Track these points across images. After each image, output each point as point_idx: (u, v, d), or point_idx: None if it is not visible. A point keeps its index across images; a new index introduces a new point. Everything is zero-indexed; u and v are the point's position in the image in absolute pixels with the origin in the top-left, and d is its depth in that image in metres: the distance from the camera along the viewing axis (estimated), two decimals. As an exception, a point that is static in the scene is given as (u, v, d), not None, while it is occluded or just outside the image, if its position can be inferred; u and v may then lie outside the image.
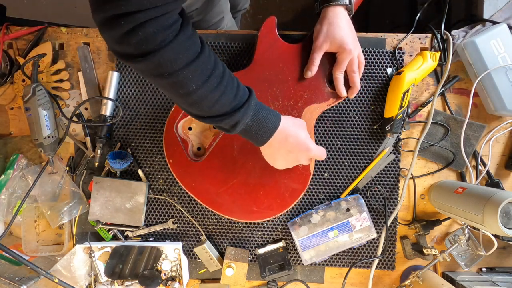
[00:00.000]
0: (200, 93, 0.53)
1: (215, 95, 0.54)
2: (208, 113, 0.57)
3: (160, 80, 0.52)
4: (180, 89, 0.52)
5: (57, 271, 0.76)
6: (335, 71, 0.73)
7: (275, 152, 0.67)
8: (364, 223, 0.79)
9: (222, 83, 0.55)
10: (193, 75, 0.52)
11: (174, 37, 0.48)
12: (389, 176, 0.81)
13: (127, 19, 0.44)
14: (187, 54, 0.50)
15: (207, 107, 0.55)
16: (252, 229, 0.82)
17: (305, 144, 0.66)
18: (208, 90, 0.53)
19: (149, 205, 0.83)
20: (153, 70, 0.50)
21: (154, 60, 0.48)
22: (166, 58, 0.48)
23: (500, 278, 0.77)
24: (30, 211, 0.83)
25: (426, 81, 0.81)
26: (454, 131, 0.80)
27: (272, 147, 0.65)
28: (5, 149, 0.85)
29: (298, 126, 0.67)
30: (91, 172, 0.83)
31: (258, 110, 0.60)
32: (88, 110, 0.84)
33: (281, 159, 0.68)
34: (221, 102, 0.55)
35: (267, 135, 0.62)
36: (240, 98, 0.58)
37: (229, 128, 0.59)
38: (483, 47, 0.74)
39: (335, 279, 0.83)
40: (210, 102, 0.55)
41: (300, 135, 0.66)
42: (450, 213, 0.74)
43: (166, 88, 0.54)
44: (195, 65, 0.51)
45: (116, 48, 0.49)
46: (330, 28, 0.70)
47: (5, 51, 0.82)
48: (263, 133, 0.62)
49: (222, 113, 0.57)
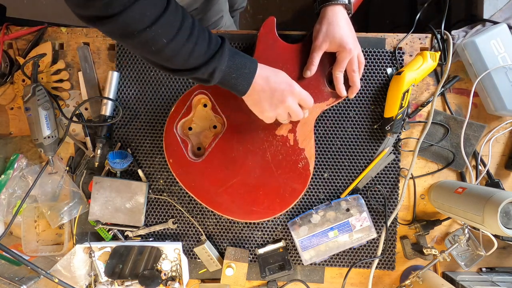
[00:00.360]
0: (172, 46, 0.54)
1: (188, 46, 0.55)
2: (184, 65, 0.57)
3: (130, 40, 0.52)
4: (152, 46, 0.53)
5: (57, 271, 0.76)
6: (335, 70, 0.73)
7: (259, 98, 0.66)
8: (364, 223, 0.79)
9: (193, 34, 0.55)
10: (162, 30, 0.52)
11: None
12: (389, 176, 0.81)
13: None
14: (153, 10, 0.50)
15: (182, 59, 0.56)
16: (252, 229, 0.82)
17: (286, 81, 0.66)
18: (180, 43, 0.54)
19: (149, 205, 0.83)
20: (121, 31, 0.51)
21: (120, 20, 0.48)
22: (132, 17, 0.49)
23: (500, 278, 0.77)
24: (30, 211, 0.83)
25: (426, 81, 0.81)
26: (454, 131, 0.80)
27: (255, 93, 0.65)
28: (5, 149, 0.85)
29: (276, 69, 0.67)
30: (91, 172, 0.83)
31: (233, 56, 0.61)
32: (88, 110, 0.84)
33: (267, 104, 0.66)
34: (195, 53, 0.56)
35: (247, 81, 0.63)
36: (214, 47, 0.58)
37: (207, 78, 0.60)
38: (483, 47, 0.74)
39: (335, 279, 0.83)
40: (185, 54, 0.55)
41: (280, 74, 0.66)
42: (450, 213, 0.74)
43: (138, 48, 0.54)
44: (163, 20, 0.51)
45: (80, 12, 0.49)
46: (329, 27, 0.70)
47: (5, 51, 0.82)
48: (242, 80, 0.62)
49: (198, 64, 0.57)
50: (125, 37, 0.51)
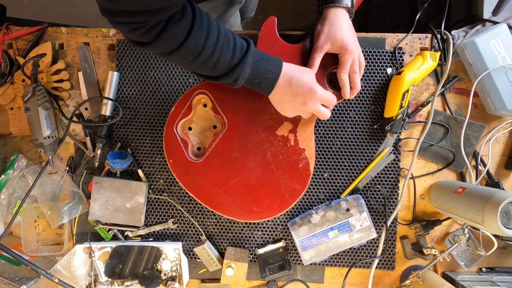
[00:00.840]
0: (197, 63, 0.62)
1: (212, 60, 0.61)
2: (210, 74, 0.65)
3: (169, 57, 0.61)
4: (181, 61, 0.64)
5: (57, 271, 0.76)
6: (340, 72, 0.73)
7: (281, 99, 0.69)
8: (364, 223, 0.79)
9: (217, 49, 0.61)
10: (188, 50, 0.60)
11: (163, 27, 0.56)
12: (389, 176, 0.81)
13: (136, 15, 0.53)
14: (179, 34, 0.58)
15: (207, 70, 0.64)
16: (252, 229, 0.82)
17: (308, 85, 0.67)
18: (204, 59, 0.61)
19: (149, 205, 0.83)
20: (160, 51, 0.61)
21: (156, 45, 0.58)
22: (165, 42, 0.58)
23: (500, 278, 0.77)
24: (30, 211, 0.83)
25: (426, 81, 0.81)
26: (454, 131, 0.80)
27: (278, 94, 0.68)
28: (5, 149, 0.85)
29: (302, 71, 0.68)
30: (91, 172, 0.83)
31: (256, 64, 0.64)
32: (88, 110, 0.84)
33: (288, 104, 0.70)
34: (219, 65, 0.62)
35: (270, 85, 0.66)
36: (237, 56, 0.63)
37: (232, 83, 0.66)
38: (483, 47, 0.74)
39: (335, 279, 0.83)
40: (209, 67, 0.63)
41: (303, 78, 0.67)
42: (450, 213, 0.74)
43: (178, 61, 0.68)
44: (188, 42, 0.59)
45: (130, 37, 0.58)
46: (331, 29, 0.70)
47: (5, 51, 0.82)
48: (265, 84, 0.66)
49: (223, 73, 0.64)
50: (165, 55, 0.61)
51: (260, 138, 0.76)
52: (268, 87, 0.67)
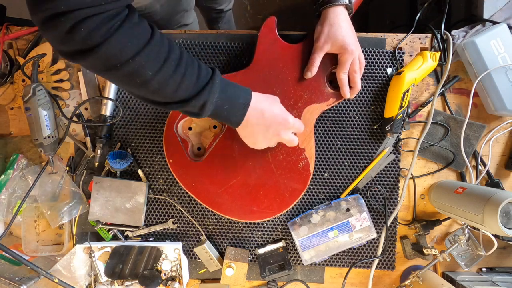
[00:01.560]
0: (158, 79, 0.52)
1: (175, 79, 0.53)
2: (173, 98, 0.55)
3: (114, 72, 0.50)
4: (137, 78, 0.51)
5: (57, 271, 0.76)
6: (339, 72, 0.73)
7: (253, 131, 0.65)
8: (364, 223, 0.79)
9: (180, 66, 0.54)
10: (147, 61, 0.50)
11: (118, 27, 0.47)
12: (389, 176, 0.81)
13: (67, 17, 0.43)
14: (136, 41, 0.49)
15: (170, 92, 0.54)
16: (252, 229, 0.82)
17: (281, 116, 0.66)
18: (167, 74, 0.52)
19: (149, 205, 0.83)
20: (104, 64, 0.49)
21: (102, 52, 0.47)
22: (114, 49, 0.47)
23: (500, 278, 0.77)
24: (30, 211, 0.83)
25: (426, 81, 0.81)
26: (454, 131, 0.80)
27: (249, 125, 0.63)
28: (5, 149, 0.85)
29: (271, 100, 0.66)
30: (91, 172, 0.83)
31: (225, 88, 0.59)
32: (88, 110, 0.84)
33: (261, 137, 0.66)
34: (183, 85, 0.54)
35: (241, 113, 0.61)
36: (203, 78, 0.56)
37: (198, 111, 0.58)
38: (483, 47, 0.74)
39: (335, 279, 0.83)
40: (172, 87, 0.53)
41: (275, 109, 0.66)
42: (450, 213, 0.74)
43: (123, 81, 0.52)
44: (147, 51, 0.50)
45: (61, 48, 0.47)
46: (331, 29, 0.70)
47: (5, 51, 0.82)
48: (236, 111, 0.61)
49: (187, 97, 0.55)
50: (108, 70, 0.49)
51: (260, 138, 0.76)
52: (238, 115, 0.61)
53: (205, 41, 0.82)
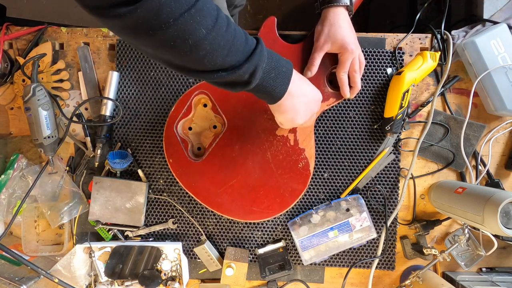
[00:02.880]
0: (212, 38, 0.45)
1: (228, 39, 0.47)
2: (223, 64, 0.49)
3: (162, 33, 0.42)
4: (189, 37, 0.43)
5: (57, 271, 0.76)
6: (339, 72, 0.73)
7: (295, 104, 0.60)
8: (364, 223, 0.79)
9: (230, 26, 0.48)
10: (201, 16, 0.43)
11: None
12: (389, 176, 0.81)
13: None
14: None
15: (221, 56, 0.47)
16: (252, 229, 0.82)
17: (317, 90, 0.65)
18: (220, 33, 0.46)
19: (149, 205, 0.83)
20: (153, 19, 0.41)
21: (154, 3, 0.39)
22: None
23: (500, 278, 0.77)
24: (30, 211, 0.83)
25: (426, 81, 0.81)
26: (454, 131, 0.80)
27: (292, 96, 0.59)
28: (5, 149, 0.85)
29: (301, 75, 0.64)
30: (91, 172, 0.83)
31: (271, 54, 0.54)
32: (88, 110, 0.84)
33: (302, 110, 0.62)
34: (234, 48, 0.48)
35: (286, 81, 0.57)
36: (251, 41, 0.51)
37: (248, 78, 0.51)
38: (483, 47, 0.74)
39: (335, 279, 0.83)
40: (225, 48, 0.47)
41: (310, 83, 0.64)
42: (450, 213, 0.74)
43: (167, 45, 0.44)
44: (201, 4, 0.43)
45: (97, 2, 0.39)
46: (331, 29, 0.70)
47: (5, 51, 0.82)
48: (281, 80, 0.56)
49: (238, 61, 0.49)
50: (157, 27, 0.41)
51: (260, 138, 0.76)
52: (283, 84, 0.56)
53: None
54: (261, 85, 0.54)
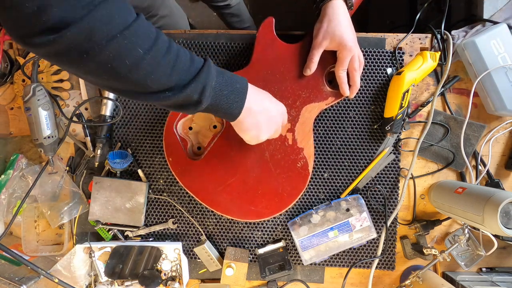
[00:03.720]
0: (151, 57, 0.45)
1: (169, 58, 0.47)
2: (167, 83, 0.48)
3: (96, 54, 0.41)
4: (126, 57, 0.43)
5: (57, 271, 0.76)
6: (338, 69, 0.73)
7: (257, 120, 0.60)
8: (364, 223, 0.79)
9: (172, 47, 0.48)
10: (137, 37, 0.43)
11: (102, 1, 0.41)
12: (389, 176, 0.81)
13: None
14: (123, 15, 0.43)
15: (164, 75, 0.47)
16: (252, 229, 0.82)
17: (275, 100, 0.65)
18: (160, 53, 0.46)
19: (149, 205, 0.83)
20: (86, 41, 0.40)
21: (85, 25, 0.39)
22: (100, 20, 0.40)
23: (500, 278, 0.77)
24: (30, 211, 0.83)
25: (426, 81, 0.81)
26: (454, 131, 0.80)
27: (251, 113, 0.59)
28: (5, 149, 0.85)
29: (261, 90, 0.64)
30: (91, 172, 0.83)
31: (221, 72, 0.54)
32: (88, 110, 0.84)
33: (264, 126, 0.62)
34: (178, 67, 0.48)
35: (241, 98, 0.56)
36: (198, 61, 0.51)
37: (197, 98, 0.51)
38: (483, 47, 0.74)
39: (335, 279, 0.83)
40: (167, 68, 0.47)
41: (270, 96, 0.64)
42: (450, 213, 0.74)
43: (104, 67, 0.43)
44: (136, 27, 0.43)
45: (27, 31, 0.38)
46: (330, 24, 0.70)
47: (5, 51, 0.82)
48: (235, 96, 0.56)
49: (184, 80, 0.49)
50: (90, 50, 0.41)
51: (260, 138, 0.76)
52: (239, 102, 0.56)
53: (205, 41, 0.82)
54: (214, 104, 0.54)
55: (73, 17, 0.38)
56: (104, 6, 0.40)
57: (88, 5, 0.39)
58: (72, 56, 0.41)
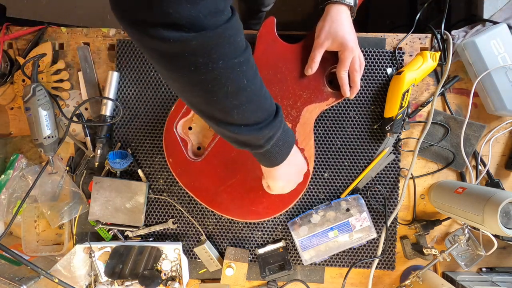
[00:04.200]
0: (250, 90, 0.43)
1: (260, 95, 0.46)
2: (249, 118, 0.46)
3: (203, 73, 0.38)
4: (231, 84, 0.41)
5: (57, 271, 0.76)
6: (340, 70, 0.73)
7: (289, 172, 0.63)
8: (364, 223, 0.79)
9: (263, 83, 0.47)
10: (247, 65, 0.41)
11: (230, 18, 0.38)
12: (389, 176, 0.81)
13: None
14: (242, 37, 0.41)
15: (250, 111, 0.45)
16: (252, 229, 0.82)
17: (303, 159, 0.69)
18: (257, 86, 0.44)
19: (149, 205, 0.83)
20: (200, 56, 0.37)
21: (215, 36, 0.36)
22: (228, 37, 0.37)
23: (500, 278, 0.77)
24: (30, 211, 0.83)
25: (426, 81, 0.81)
26: (454, 131, 0.80)
27: (288, 164, 0.60)
28: (5, 149, 0.85)
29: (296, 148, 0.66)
30: (91, 172, 0.83)
31: (285, 122, 0.55)
32: (88, 110, 0.84)
33: (293, 178, 0.67)
34: (263, 103, 0.47)
35: (287, 151, 0.58)
36: (272, 100, 0.50)
37: (262, 143, 0.51)
38: (483, 47, 0.74)
39: (335, 279, 0.83)
40: (256, 103, 0.46)
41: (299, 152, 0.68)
42: (450, 213, 0.74)
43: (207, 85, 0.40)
44: (248, 54, 0.42)
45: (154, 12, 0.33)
46: (332, 25, 0.70)
47: (5, 51, 0.82)
48: (286, 148, 0.57)
49: (264, 119, 0.47)
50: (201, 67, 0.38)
51: (260, 138, 0.76)
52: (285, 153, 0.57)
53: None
54: (268, 150, 0.54)
55: (207, 23, 0.35)
56: (231, 25, 0.37)
57: (221, 15, 0.36)
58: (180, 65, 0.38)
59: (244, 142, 0.51)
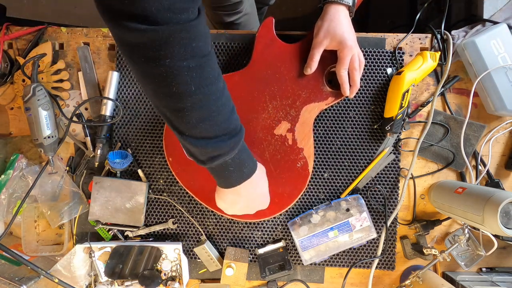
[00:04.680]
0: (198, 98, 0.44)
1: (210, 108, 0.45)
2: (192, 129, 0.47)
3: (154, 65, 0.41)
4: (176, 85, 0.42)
5: (57, 271, 0.76)
6: (339, 68, 0.73)
7: (235, 200, 0.63)
8: (364, 223, 0.79)
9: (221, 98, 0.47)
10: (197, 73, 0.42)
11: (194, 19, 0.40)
12: (389, 176, 0.81)
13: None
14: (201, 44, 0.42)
15: (195, 119, 0.46)
16: (252, 229, 0.82)
17: (266, 197, 0.69)
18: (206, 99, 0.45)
19: (149, 205, 0.83)
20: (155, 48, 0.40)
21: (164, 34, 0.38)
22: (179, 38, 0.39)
23: (500, 278, 0.77)
24: (30, 211, 0.83)
25: (426, 81, 0.81)
26: (454, 131, 0.80)
27: (236, 193, 0.61)
28: (5, 149, 0.85)
29: (264, 176, 0.68)
30: (91, 172, 0.83)
31: (242, 150, 0.55)
32: (88, 110, 0.84)
33: (240, 206, 0.65)
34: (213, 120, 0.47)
35: (238, 180, 0.58)
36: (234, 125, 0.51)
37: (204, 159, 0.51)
38: (483, 47, 0.74)
39: (335, 279, 0.83)
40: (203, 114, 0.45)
41: (265, 186, 0.67)
42: (450, 213, 0.74)
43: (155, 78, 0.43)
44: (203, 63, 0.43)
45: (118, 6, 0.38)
46: (331, 24, 0.70)
47: (5, 51, 0.82)
48: (236, 177, 0.57)
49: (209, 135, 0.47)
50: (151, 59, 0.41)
51: (258, 137, 0.76)
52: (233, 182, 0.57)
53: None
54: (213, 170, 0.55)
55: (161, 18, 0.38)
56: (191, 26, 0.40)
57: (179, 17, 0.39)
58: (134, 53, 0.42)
59: (187, 149, 0.52)
